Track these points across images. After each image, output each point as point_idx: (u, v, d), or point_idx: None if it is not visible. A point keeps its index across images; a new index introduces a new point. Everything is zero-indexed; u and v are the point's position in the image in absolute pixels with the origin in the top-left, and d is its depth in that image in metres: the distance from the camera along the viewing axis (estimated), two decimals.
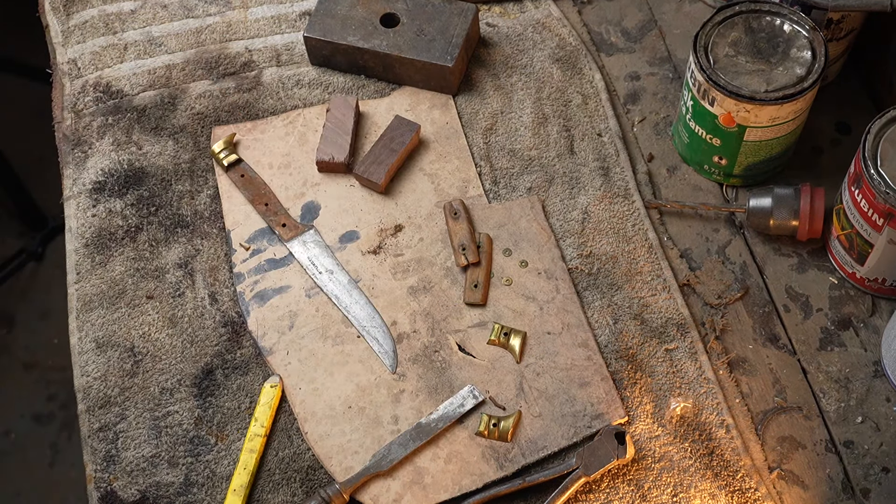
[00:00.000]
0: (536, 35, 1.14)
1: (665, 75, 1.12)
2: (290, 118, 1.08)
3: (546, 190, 1.03)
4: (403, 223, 1.01)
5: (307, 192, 1.03)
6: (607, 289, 0.97)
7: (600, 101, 1.09)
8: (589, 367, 0.92)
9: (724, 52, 0.96)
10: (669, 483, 0.86)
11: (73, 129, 1.08)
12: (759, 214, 0.98)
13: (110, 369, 0.93)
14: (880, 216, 0.88)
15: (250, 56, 1.13)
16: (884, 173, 0.86)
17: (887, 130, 0.88)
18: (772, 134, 0.96)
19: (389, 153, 1.03)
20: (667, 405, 0.90)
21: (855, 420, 0.90)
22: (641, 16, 1.17)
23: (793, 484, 0.87)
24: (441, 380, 0.91)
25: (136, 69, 1.12)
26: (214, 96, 1.10)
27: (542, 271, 0.97)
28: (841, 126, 1.07)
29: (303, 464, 0.88)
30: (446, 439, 0.88)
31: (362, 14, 1.10)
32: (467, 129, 1.07)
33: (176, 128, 1.08)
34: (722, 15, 0.98)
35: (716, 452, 0.88)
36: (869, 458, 0.88)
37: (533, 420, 0.89)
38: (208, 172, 1.05)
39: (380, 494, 0.86)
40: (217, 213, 1.03)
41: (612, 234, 1.00)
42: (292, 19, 1.16)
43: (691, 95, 0.98)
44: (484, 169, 1.05)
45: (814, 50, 0.95)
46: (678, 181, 1.05)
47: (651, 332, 0.94)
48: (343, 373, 0.92)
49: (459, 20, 1.09)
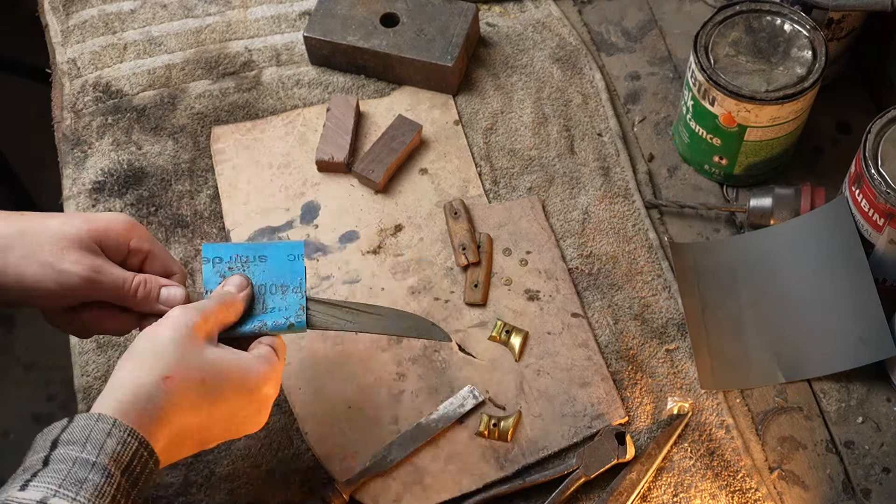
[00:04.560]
0: (536, 35, 1.14)
1: (665, 75, 1.12)
2: (290, 118, 1.08)
3: (546, 190, 1.03)
4: (403, 223, 1.01)
5: (307, 191, 1.03)
6: (608, 289, 0.97)
7: (600, 100, 1.09)
8: (589, 368, 0.92)
9: (724, 51, 0.96)
10: (669, 483, 0.86)
11: (72, 129, 1.08)
12: (759, 214, 0.98)
13: (110, 369, 0.93)
14: (881, 216, 0.88)
15: (250, 56, 1.13)
16: (884, 173, 0.86)
17: (888, 130, 0.88)
18: (772, 134, 0.96)
19: (389, 152, 1.03)
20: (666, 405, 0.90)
21: (856, 420, 0.90)
22: (642, 16, 1.17)
23: (793, 484, 0.87)
24: (441, 380, 0.91)
25: (135, 69, 1.12)
26: (214, 96, 1.10)
27: (542, 271, 0.97)
28: (841, 126, 1.07)
29: (303, 464, 0.88)
30: (446, 439, 0.88)
31: (362, 14, 1.10)
32: (467, 129, 1.07)
33: (176, 128, 1.08)
34: (722, 15, 0.98)
35: (716, 452, 0.88)
36: (869, 458, 0.88)
37: (533, 420, 0.89)
38: (208, 172, 1.05)
39: (380, 494, 0.86)
40: (217, 213, 1.03)
41: (613, 234, 1.00)
42: (292, 19, 1.16)
43: (692, 95, 0.98)
44: (484, 169, 1.05)
45: (814, 50, 0.95)
46: (678, 181, 1.05)
47: (651, 333, 0.94)
48: (343, 373, 0.92)
49: (459, 20, 1.09)
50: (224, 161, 1.05)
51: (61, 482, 0.61)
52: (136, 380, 0.68)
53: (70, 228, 0.74)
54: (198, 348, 0.71)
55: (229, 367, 0.72)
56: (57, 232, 0.74)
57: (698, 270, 0.97)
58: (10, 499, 0.60)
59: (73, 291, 0.73)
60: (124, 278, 0.76)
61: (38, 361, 1.92)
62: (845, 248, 0.91)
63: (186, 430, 0.70)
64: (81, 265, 0.73)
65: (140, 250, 0.78)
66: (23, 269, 0.73)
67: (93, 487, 0.62)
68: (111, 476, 0.63)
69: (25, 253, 0.73)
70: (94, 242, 0.75)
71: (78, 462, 0.63)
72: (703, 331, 0.94)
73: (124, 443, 0.64)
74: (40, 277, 0.73)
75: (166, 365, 0.69)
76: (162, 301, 0.77)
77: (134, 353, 0.70)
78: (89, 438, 0.64)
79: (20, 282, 0.73)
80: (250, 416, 0.74)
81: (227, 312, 0.76)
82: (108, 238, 0.76)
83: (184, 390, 0.69)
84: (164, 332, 0.71)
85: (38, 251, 0.73)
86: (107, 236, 0.76)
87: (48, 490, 0.61)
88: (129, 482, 0.64)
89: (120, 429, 0.65)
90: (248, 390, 0.72)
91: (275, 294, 0.78)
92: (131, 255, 0.78)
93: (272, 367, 0.74)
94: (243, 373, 0.72)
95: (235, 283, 0.78)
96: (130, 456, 0.65)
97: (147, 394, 0.68)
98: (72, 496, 0.61)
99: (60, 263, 0.73)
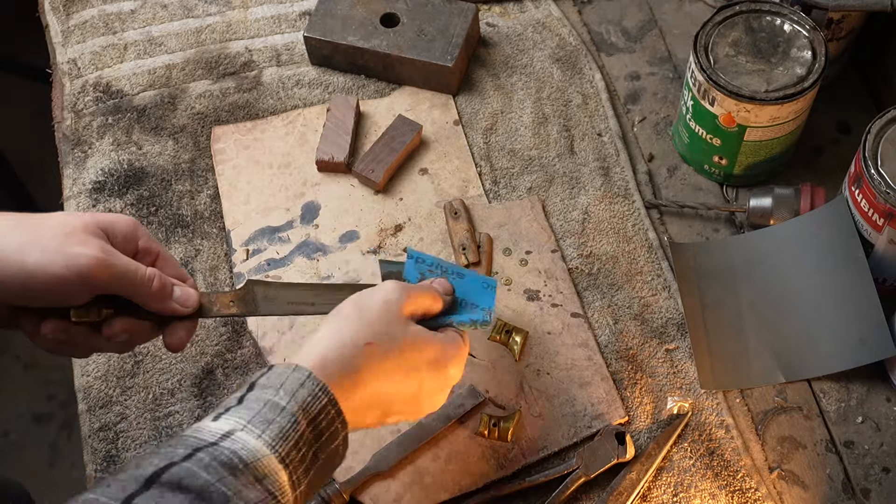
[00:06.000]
0: (536, 35, 1.14)
1: (665, 75, 1.12)
2: (290, 118, 1.08)
3: (546, 190, 1.03)
4: (403, 223, 1.01)
5: (307, 192, 1.03)
6: (607, 289, 0.97)
7: (600, 101, 1.09)
8: (589, 367, 0.92)
9: (724, 51, 0.96)
10: (669, 483, 0.86)
11: (72, 129, 1.08)
12: (759, 214, 0.98)
13: (111, 369, 0.93)
14: (880, 216, 0.88)
15: (250, 56, 1.13)
16: (884, 173, 0.86)
17: (887, 130, 0.89)
18: (772, 134, 0.96)
19: (390, 152, 1.03)
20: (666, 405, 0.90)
21: (855, 420, 0.90)
22: (641, 16, 1.17)
23: (793, 484, 0.87)
24: None
25: (136, 69, 1.12)
26: (214, 96, 1.10)
27: (542, 271, 0.97)
28: (841, 126, 1.07)
29: None
30: (446, 439, 0.88)
31: (362, 14, 1.10)
32: (467, 129, 1.07)
33: (176, 128, 1.08)
34: (722, 15, 0.98)
35: (716, 452, 0.88)
36: (869, 458, 0.88)
37: (533, 420, 0.89)
38: (208, 172, 1.05)
39: (380, 494, 0.86)
40: (217, 213, 1.03)
41: (613, 234, 1.00)
42: (292, 19, 1.16)
43: (691, 95, 0.98)
44: (484, 169, 1.05)
45: (814, 50, 0.95)
46: (678, 181, 1.05)
47: (651, 332, 0.94)
48: None
49: (459, 20, 1.09)
50: (224, 161, 1.05)
51: (251, 419, 0.64)
52: (339, 340, 0.71)
53: (74, 218, 0.72)
54: (402, 323, 0.74)
55: (426, 344, 0.75)
56: (60, 221, 0.72)
57: (698, 270, 0.97)
58: (201, 426, 0.64)
59: (80, 276, 0.69)
60: (137, 265, 0.74)
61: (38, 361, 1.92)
62: (845, 248, 0.91)
63: (375, 398, 0.72)
64: (90, 247, 0.70)
65: (150, 251, 0.78)
66: (25, 253, 0.68)
67: (278, 429, 0.64)
68: (297, 423, 0.65)
69: (27, 239, 0.69)
70: (101, 230, 0.73)
71: (269, 404, 0.65)
72: (702, 331, 0.94)
73: (314, 395, 0.67)
74: (44, 262, 0.68)
75: (372, 331, 0.72)
76: (176, 299, 0.76)
77: (341, 315, 0.73)
78: (283, 385, 0.66)
79: (21, 267, 0.68)
80: (434, 394, 0.77)
81: (431, 303, 0.79)
82: (116, 230, 0.75)
83: (382, 358, 0.72)
84: (375, 301, 0.74)
85: (41, 238, 0.69)
86: (114, 228, 0.75)
87: (237, 423, 0.64)
88: (313, 433, 0.66)
89: (313, 381, 0.67)
90: (439, 367, 0.75)
91: (465, 308, 0.83)
92: (141, 255, 0.77)
93: (460, 350, 0.78)
94: (438, 350, 0.75)
95: (442, 285, 0.82)
96: (319, 409, 0.66)
97: (347, 355, 0.70)
98: (258, 433, 0.63)
99: (68, 247, 0.69)
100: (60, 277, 0.69)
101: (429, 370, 0.75)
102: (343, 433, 0.69)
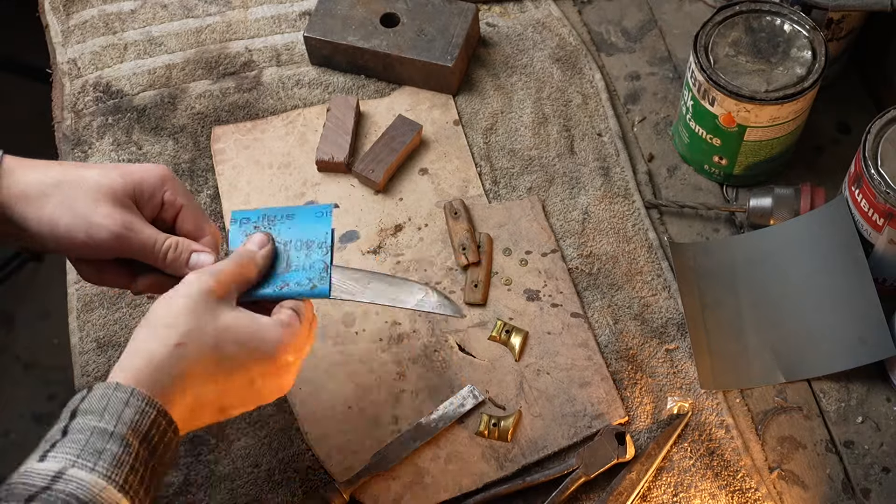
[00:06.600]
0: (536, 35, 1.14)
1: (665, 75, 1.12)
2: (290, 118, 1.08)
3: (546, 190, 1.03)
4: (403, 223, 1.01)
5: (307, 191, 1.03)
6: (607, 289, 0.97)
7: (600, 101, 1.09)
8: (589, 367, 0.92)
9: (724, 51, 0.96)
10: (669, 483, 0.86)
11: (73, 129, 1.08)
12: (759, 214, 0.98)
13: (111, 369, 0.93)
14: (880, 216, 0.88)
15: (250, 56, 1.13)
16: (884, 173, 0.86)
17: (887, 130, 0.89)
18: (772, 134, 0.96)
19: (390, 152, 1.03)
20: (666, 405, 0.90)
21: (855, 420, 0.90)
22: (641, 16, 1.17)
23: (793, 484, 0.87)
24: (441, 380, 0.91)
25: (136, 69, 1.12)
26: (214, 96, 1.10)
27: (542, 271, 0.97)
28: (841, 126, 1.07)
29: (303, 464, 0.88)
30: (446, 439, 0.88)
31: (362, 14, 1.10)
32: (467, 129, 1.07)
33: (176, 128, 1.08)
34: (722, 15, 0.98)
35: (716, 452, 0.88)
36: (869, 458, 0.88)
37: (533, 420, 0.89)
38: (208, 172, 1.05)
39: (380, 494, 0.86)
40: (217, 213, 1.03)
41: (613, 234, 1.00)
42: (292, 19, 1.16)
43: (691, 95, 0.98)
44: (484, 169, 1.05)
45: (814, 50, 0.95)
46: (678, 181, 1.05)
47: (651, 332, 0.94)
48: (343, 373, 0.92)
49: (459, 20, 1.09)
50: (224, 161, 1.05)
51: (80, 452, 0.61)
52: (150, 347, 0.67)
53: (106, 180, 0.74)
54: (212, 313, 0.69)
55: (244, 332, 0.70)
56: (93, 184, 0.74)
57: (698, 270, 0.97)
58: (29, 470, 0.60)
59: (101, 245, 0.73)
60: (155, 238, 0.75)
61: (38, 361, 1.92)
62: (845, 248, 0.91)
63: (204, 398, 0.69)
64: (112, 219, 0.73)
65: (173, 204, 0.78)
66: (56, 218, 0.73)
67: (111, 457, 0.61)
68: (129, 445, 0.62)
69: (61, 201, 0.73)
70: (129, 197, 0.75)
71: (96, 431, 0.62)
72: (702, 330, 0.94)
73: (142, 412, 0.64)
74: (72, 227, 0.73)
75: (179, 331, 0.68)
76: (191, 266, 0.76)
77: (149, 321, 0.69)
78: (107, 408, 0.63)
79: (53, 231, 0.73)
80: (269, 383, 0.72)
81: (244, 271, 0.74)
82: (143, 191, 0.76)
83: (198, 357, 0.68)
84: (178, 299, 0.70)
85: (74, 202, 0.73)
86: (141, 189, 0.76)
87: (66, 460, 0.61)
88: (147, 451, 0.64)
89: (137, 398, 0.64)
90: (264, 356, 0.70)
91: (299, 251, 0.76)
92: (165, 209, 0.78)
93: (291, 332, 0.72)
94: (259, 338, 0.70)
95: (256, 241, 0.76)
96: (149, 424, 0.64)
97: (161, 361, 0.67)
98: (90, 466, 0.61)
99: (93, 216, 0.73)
100: (83, 244, 0.74)
101: (253, 361, 0.70)
102: (177, 440, 0.67)
